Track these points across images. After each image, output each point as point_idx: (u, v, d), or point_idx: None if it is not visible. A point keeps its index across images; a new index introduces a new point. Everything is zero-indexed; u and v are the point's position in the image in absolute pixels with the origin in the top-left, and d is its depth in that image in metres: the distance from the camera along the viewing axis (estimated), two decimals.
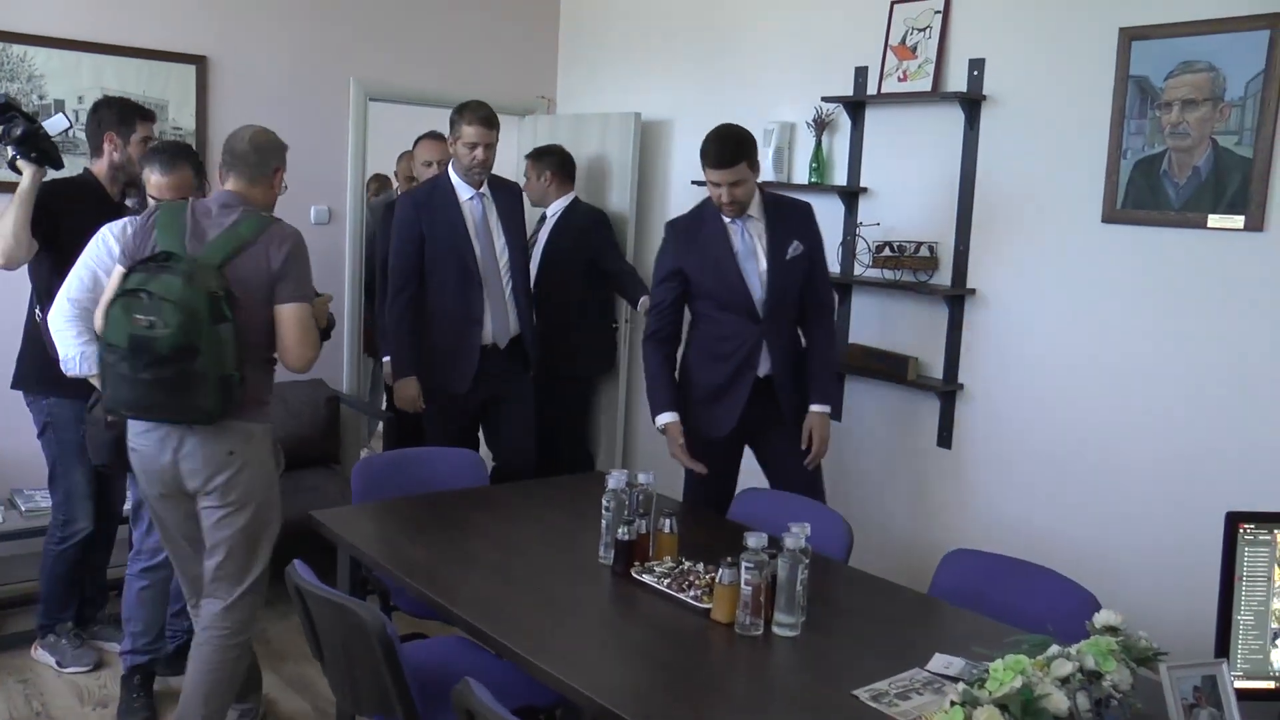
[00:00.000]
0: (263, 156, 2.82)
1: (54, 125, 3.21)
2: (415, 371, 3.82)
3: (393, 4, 4.82)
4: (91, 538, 3.48)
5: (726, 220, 3.24)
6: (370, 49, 4.77)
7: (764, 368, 3.28)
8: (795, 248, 3.24)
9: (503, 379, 3.91)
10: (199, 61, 4.34)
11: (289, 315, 2.72)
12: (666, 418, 3.31)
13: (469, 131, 3.72)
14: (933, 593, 2.56)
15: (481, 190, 3.84)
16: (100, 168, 3.36)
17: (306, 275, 2.76)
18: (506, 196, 3.95)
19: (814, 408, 3.31)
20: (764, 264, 3.23)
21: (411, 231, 3.79)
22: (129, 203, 3.37)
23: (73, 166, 3.52)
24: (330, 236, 4.74)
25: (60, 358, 2.97)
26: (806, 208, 3.36)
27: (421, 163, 4.49)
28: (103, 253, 3.02)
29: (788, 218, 3.29)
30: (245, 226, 2.70)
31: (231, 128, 4.35)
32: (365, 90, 4.76)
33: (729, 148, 3.11)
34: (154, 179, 3.04)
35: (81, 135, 3.56)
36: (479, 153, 3.74)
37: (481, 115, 3.73)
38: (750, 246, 3.25)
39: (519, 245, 3.94)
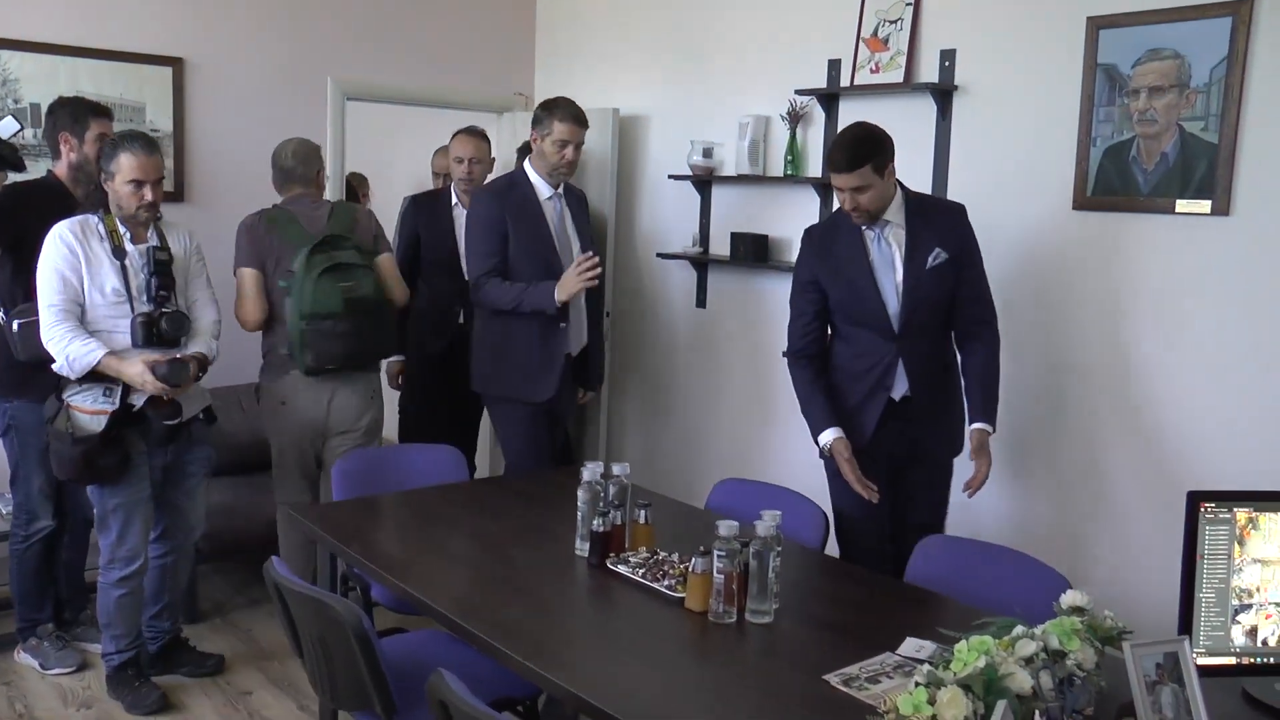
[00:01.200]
0: (309, 166, 3.58)
1: (4, 129, 3.19)
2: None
3: (369, 4, 4.82)
4: (55, 534, 3.50)
5: (864, 227, 2.96)
6: (347, 48, 4.77)
7: (900, 389, 2.97)
8: (936, 255, 2.92)
9: (565, 391, 3.75)
10: (175, 63, 4.33)
11: (389, 260, 3.69)
12: (829, 435, 2.96)
13: (560, 128, 3.56)
14: (908, 579, 2.59)
15: (559, 191, 3.70)
16: (61, 170, 3.36)
17: None
18: (578, 202, 3.83)
19: (974, 425, 2.99)
20: (900, 274, 2.93)
21: (497, 225, 3.57)
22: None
23: (37, 172, 3.53)
24: None
25: (71, 358, 2.93)
26: (957, 210, 3.04)
27: (454, 158, 4.35)
28: (65, 252, 3.00)
29: (932, 222, 2.96)
30: (343, 210, 3.62)
31: (209, 129, 4.50)
32: (343, 90, 4.76)
33: (848, 151, 2.82)
34: (132, 161, 2.99)
35: (41, 138, 3.57)
36: (568, 151, 3.59)
37: (574, 113, 3.58)
38: (888, 256, 2.95)
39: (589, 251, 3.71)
